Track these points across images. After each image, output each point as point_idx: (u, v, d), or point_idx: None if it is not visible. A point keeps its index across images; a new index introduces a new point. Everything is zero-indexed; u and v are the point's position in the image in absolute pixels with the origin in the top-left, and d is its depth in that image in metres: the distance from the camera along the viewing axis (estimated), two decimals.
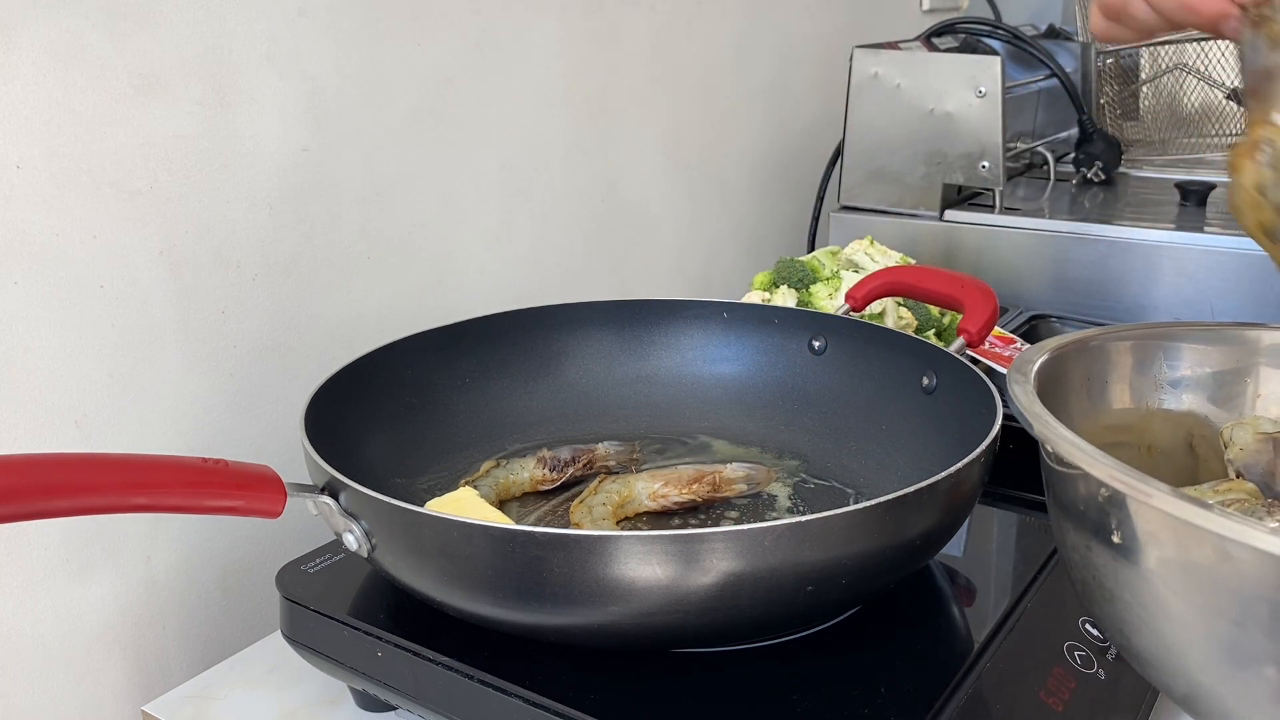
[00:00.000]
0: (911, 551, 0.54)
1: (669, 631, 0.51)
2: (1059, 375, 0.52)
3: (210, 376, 0.72)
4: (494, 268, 0.94)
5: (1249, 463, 0.52)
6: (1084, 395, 0.54)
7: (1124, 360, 0.55)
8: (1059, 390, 0.51)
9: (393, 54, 0.81)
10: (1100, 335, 0.55)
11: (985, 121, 1.10)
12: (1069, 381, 0.53)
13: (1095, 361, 0.54)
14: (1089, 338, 0.54)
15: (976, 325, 0.70)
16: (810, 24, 1.37)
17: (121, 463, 0.47)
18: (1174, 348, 0.56)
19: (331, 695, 0.63)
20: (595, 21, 1.00)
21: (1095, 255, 1.07)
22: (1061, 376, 0.52)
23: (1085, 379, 0.54)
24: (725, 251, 1.27)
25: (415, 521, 0.51)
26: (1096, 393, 0.54)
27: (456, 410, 0.75)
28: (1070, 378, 0.53)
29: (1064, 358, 0.52)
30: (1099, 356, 0.55)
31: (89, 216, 0.64)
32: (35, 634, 0.65)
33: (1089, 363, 0.54)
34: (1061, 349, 0.52)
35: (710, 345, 0.81)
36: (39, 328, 0.62)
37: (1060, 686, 0.53)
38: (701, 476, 0.67)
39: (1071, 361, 0.53)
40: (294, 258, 0.76)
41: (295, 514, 0.54)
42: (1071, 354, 0.53)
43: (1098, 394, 0.54)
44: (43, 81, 0.60)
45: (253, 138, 0.72)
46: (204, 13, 0.68)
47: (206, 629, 0.74)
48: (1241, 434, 0.53)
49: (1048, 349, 0.52)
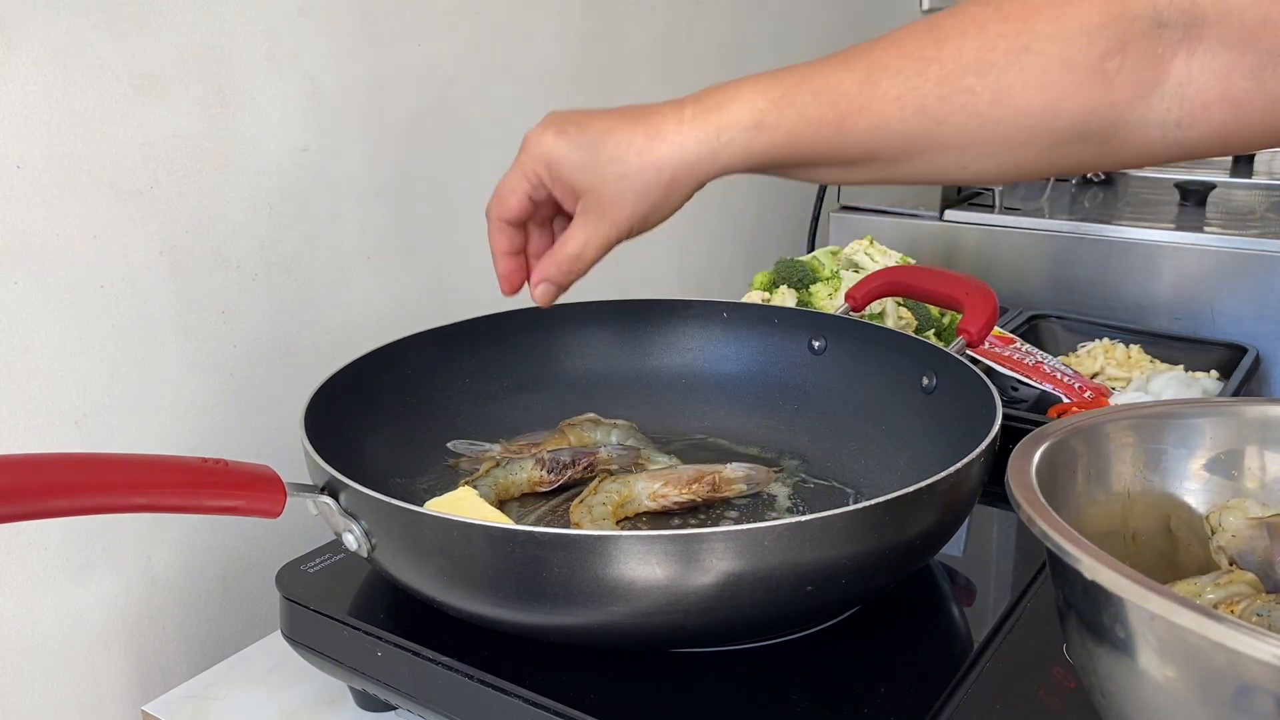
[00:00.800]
0: (911, 551, 0.54)
1: (669, 631, 0.51)
2: (1059, 465, 0.50)
3: (210, 376, 0.72)
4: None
5: (1243, 550, 0.49)
6: (1084, 483, 0.52)
7: (1119, 442, 0.54)
8: (1061, 481, 0.50)
9: (393, 54, 0.81)
10: (1097, 418, 0.54)
11: None
12: (1069, 470, 0.52)
13: (1092, 446, 0.53)
14: (1085, 422, 0.53)
15: (976, 325, 0.70)
16: (810, 24, 1.37)
17: (121, 463, 0.47)
18: (1161, 426, 0.54)
19: (331, 695, 0.63)
20: (595, 21, 1.00)
21: (1095, 255, 1.07)
22: (1063, 465, 0.51)
23: (1084, 465, 0.52)
24: (725, 251, 1.27)
25: (415, 521, 0.51)
26: (1096, 480, 0.53)
27: (456, 410, 0.75)
28: (1071, 466, 0.52)
29: (1065, 443, 0.51)
30: (1096, 440, 0.53)
31: (89, 216, 0.64)
32: (35, 634, 0.65)
33: (1087, 447, 0.53)
34: (1060, 437, 0.51)
35: (710, 345, 0.81)
36: (39, 328, 0.62)
37: (1060, 686, 0.53)
38: (701, 476, 0.67)
39: (1071, 449, 0.52)
40: (294, 258, 0.76)
41: (295, 514, 0.54)
42: (1072, 439, 0.52)
43: (1097, 481, 0.53)
44: (43, 81, 0.60)
45: (253, 138, 0.72)
46: (204, 13, 0.68)
47: (206, 629, 0.74)
48: (1232, 519, 0.51)
49: (1049, 435, 0.51)
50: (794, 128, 0.50)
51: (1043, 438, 0.50)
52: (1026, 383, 0.86)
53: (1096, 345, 0.98)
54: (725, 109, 0.52)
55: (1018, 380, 0.87)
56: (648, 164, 0.52)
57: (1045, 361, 0.89)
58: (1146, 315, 1.05)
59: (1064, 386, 0.85)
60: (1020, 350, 0.91)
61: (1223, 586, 0.47)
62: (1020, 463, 0.48)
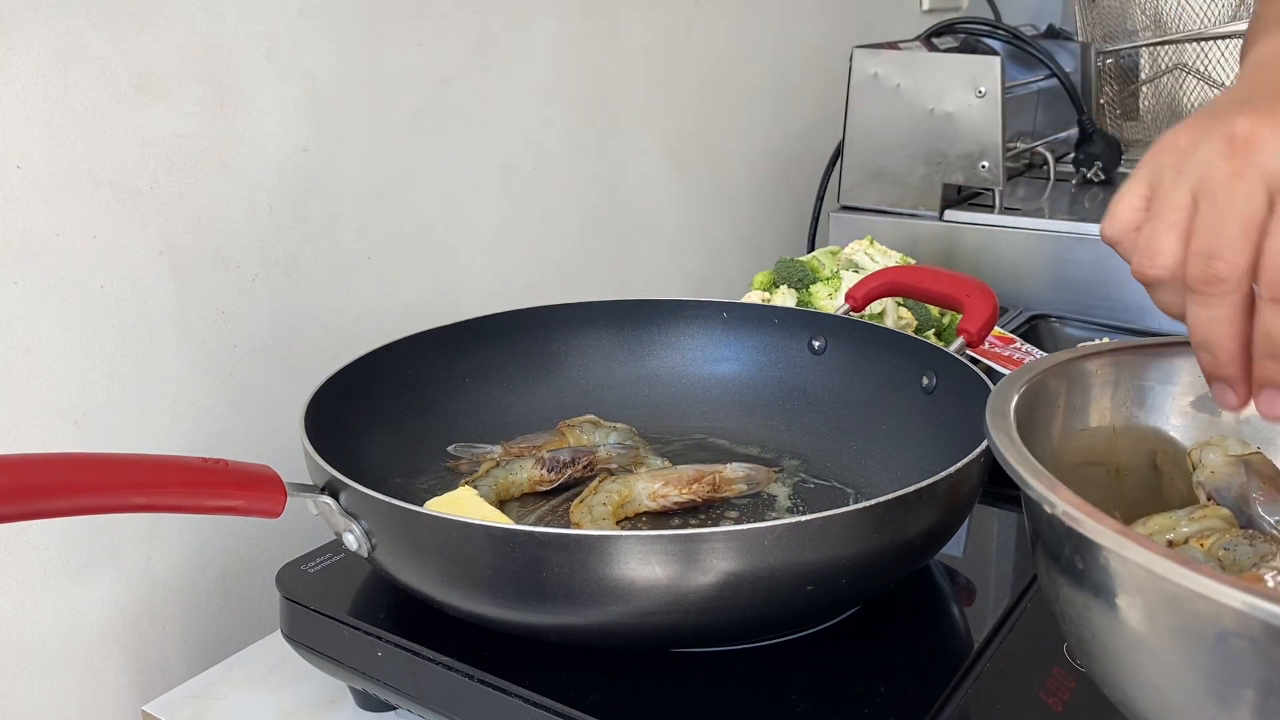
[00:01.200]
0: (911, 551, 0.54)
1: (669, 631, 0.51)
2: (1039, 400, 0.51)
3: (210, 376, 0.72)
4: (494, 268, 0.94)
5: (1220, 486, 0.50)
6: (1064, 418, 0.53)
7: (1102, 378, 0.55)
8: (1040, 415, 0.50)
9: (393, 54, 0.81)
10: (1075, 355, 0.54)
11: (985, 121, 1.10)
12: (1050, 405, 0.52)
13: (1074, 382, 0.54)
14: (1065, 359, 0.54)
15: (976, 325, 0.70)
16: (810, 24, 1.37)
17: (121, 463, 0.47)
18: (1145, 364, 0.55)
19: (331, 695, 0.63)
20: (595, 21, 1.00)
21: (1095, 255, 1.07)
22: (1043, 401, 0.51)
23: (1065, 401, 0.53)
24: (725, 251, 1.27)
25: (415, 521, 0.51)
26: (1077, 414, 0.54)
27: (456, 410, 0.75)
28: (1052, 401, 0.52)
29: (1044, 382, 0.52)
30: (1077, 377, 0.54)
31: (89, 216, 0.64)
32: (35, 634, 0.65)
33: (1068, 384, 0.53)
34: (1040, 374, 0.52)
35: (710, 345, 0.81)
36: (39, 328, 0.62)
37: (1060, 686, 0.53)
38: (701, 476, 0.67)
39: (1051, 385, 0.52)
40: (294, 258, 0.76)
41: (295, 514, 0.54)
42: (1051, 377, 0.52)
43: (1078, 415, 0.54)
44: (43, 81, 0.60)
45: (253, 138, 0.72)
46: (204, 13, 0.68)
47: (206, 629, 0.74)
48: (1212, 456, 0.51)
49: (1025, 377, 0.51)
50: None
51: (1022, 376, 0.50)
52: None
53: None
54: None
55: None
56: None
57: None
58: (1146, 315, 1.05)
59: None
60: (1020, 350, 0.91)
61: (1196, 521, 0.48)
62: (998, 399, 0.48)
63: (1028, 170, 1.33)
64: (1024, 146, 1.27)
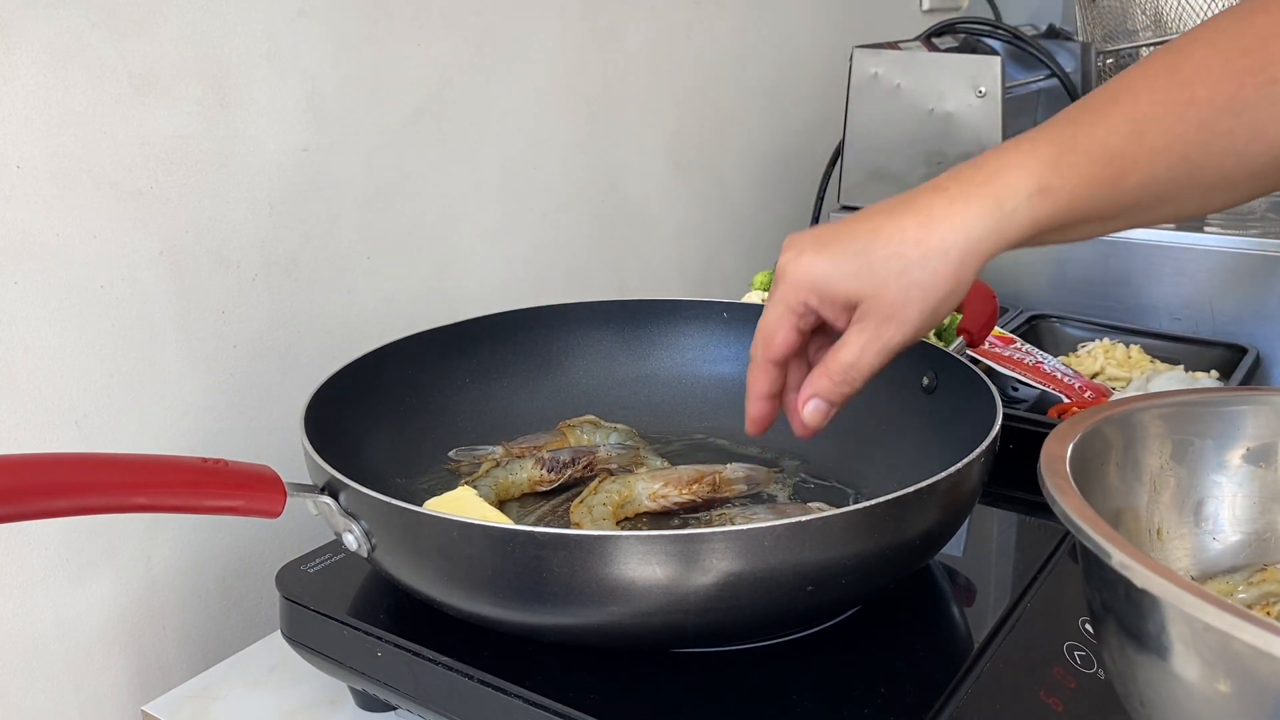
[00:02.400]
0: (911, 551, 0.54)
1: (669, 631, 0.51)
2: (1091, 453, 0.50)
3: (210, 376, 0.72)
4: (494, 268, 0.94)
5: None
6: (1116, 471, 0.52)
7: (1156, 430, 0.53)
8: (1090, 467, 0.49)
9: (393, 54, 0.81)
10: (1132, 406, 0.53)
11: (985, 121, 1.10)
12: (1101, 457, 0.51)
13: (1127, 433, 0.52)
14: (1119, 410, 0.52)
15: (976, 325, 0.70)
16: (810, 24, 1.37)
17: (121, 463, 0.47)
18: (1201, 415, 0.53)
19: (331, 695, 0.63)
20: (595, 21, 1.00)
21: (1095, 255, 1.07)
22: (1095, 453, 0.50)
23: (1118, 454, 0.52)
24: (725, 251, 1.27)
25: (415, 521, 0.51)
26: (1128, 468, 0.52)
27: (456, 410, 0.75)
28: (1104, 452, 0.51)
29: (1098, 430, 0.51)
30: (1131, 427, 0.52)
31: (89, 216, 0.64)
32: (35, 634, 0.65)
33: (1122, 435, 0.52)
34: (1095, 423, 0.50)
35: (710, 345, 0.81)
36: (39, 328, 0.62)
37: (1060, 686, 0.53)
38: (701, 477, 0.67)
39: (1105, 435, 0.51)
40: (294, 258, 0.76)
41: (295, 514, 0.54)
42: (1105, 426, 0.51)
43: (1128, 469, 0.52)
44: (43, 81, 0.60)
45: (253, 138, 0.72)
46: (204, 13, 0.68)
47: (206, 629, 0.74)
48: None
49: (1082, 425, 0.50)
50: (1075, 190, 0.48)
51: (1075, 429, 0.49)
52: (1026, 383, 0.86)
53: (1096, 345, 0.98)
54: (1000, 178, 0.49)
55: (1018, 380, 0.87)
56: (930, 253, 0.48)
57: (1045, 361, 0.89)
58: (1146, 315, 1.05)
59: (1064, 386, 0.85)
60: (1020, 350, 0.91)
61: (1255, 585, 0.47)
62: (1054, 453, 0.47)
63: None
64: None
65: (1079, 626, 0.58)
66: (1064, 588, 0.61)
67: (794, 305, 0.52)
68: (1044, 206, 0.48)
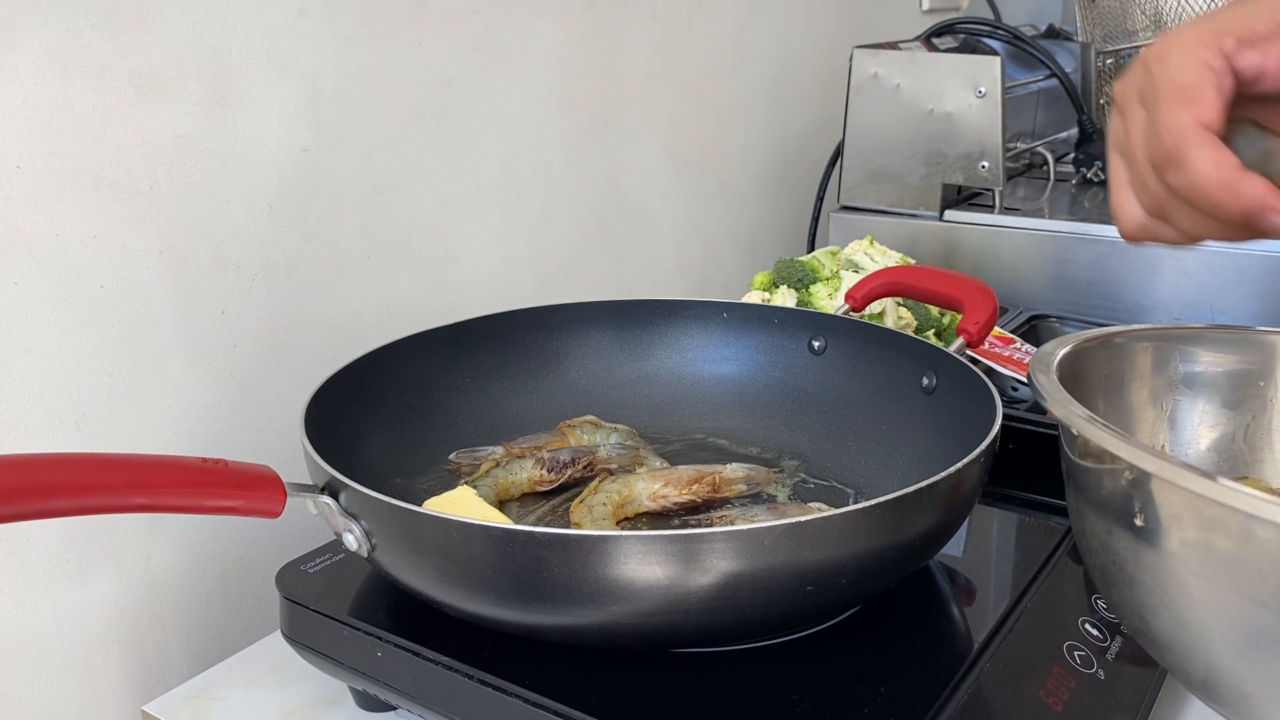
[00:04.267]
0: (911, 551, 0.54)
1: (669, 631, 0.51)
2: (1080, 371, 0.51)
3: (210, 376, 0.72)
4: (494, 268, 0.94)
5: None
6: (1103, 392, 0.54)
7: (1143, 360, 0.55)
8: (1079, 386, 0.50)
9: (393, 54, 0.81)
10: (1123, 333, 0.55)
11: (985, 121, 1.10)
12: (1089, 378, 0.53)
13: (1115, 359, 0.54)
14: (1111, 335, 0.54)
15: (976, 325, 0.70)
16: (810, 24, 1.37)
17: (121, 463, 0.47)
18: (1191, 350, 0.55)
19: (331, 695, 0.63)
20: (595, 21, 1.00)
21: (1095, 255, 1.07)
22: (1082, 373, 0.52)
23: (1105, 376, 0.54)
24: (725, 251, 1.27)
25: (415, 521, 0.51)
26: (1114, 391, 0.54)
27: (456, 410, 0.75)
28: (1091, 374, 0.53)
29: (1085, 353, 0.52)
30: (1119, 355, 0.54)
31: (89, 216, 0.64)
32: (35, 634, 0.65)
33: (1109, 360, 0.54)
34: (1084, 344, 0.52)
35: (710, 345, 0.81)
36: (39, 328, 0.62)
37: (1060, 686, 0.53)
38: (701, 477, 0.67)
39: (1092, 358, 0.53)
40: (294, 258, 0.76)
41: (295, 514, 0.54)
42: (1092, 350, 0.53)
43: (1114, 392, 0.54)
44: (43, 81, 0.60)
45: (253, 138, 0.72)
46: (204, 13, 0.68)
47: (206, 629, 0.74)
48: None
49: (1070, 343, 0.52)
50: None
51: (1064, 344, 0.51)
52: (1026, 383, 0.86)
53: None
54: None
55: (1018, 380, 0.87)
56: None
57: None
58: (1146, 315, 1.05)
59: None
60: (1020, 350, 0.91)
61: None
62: (1043, 362, 0.49)
63: (1028, 170, 1.33)
64: (1024, 146, 1.27)
65: (1079, 626, 0.58)
66: (1064, 588, 0.61)
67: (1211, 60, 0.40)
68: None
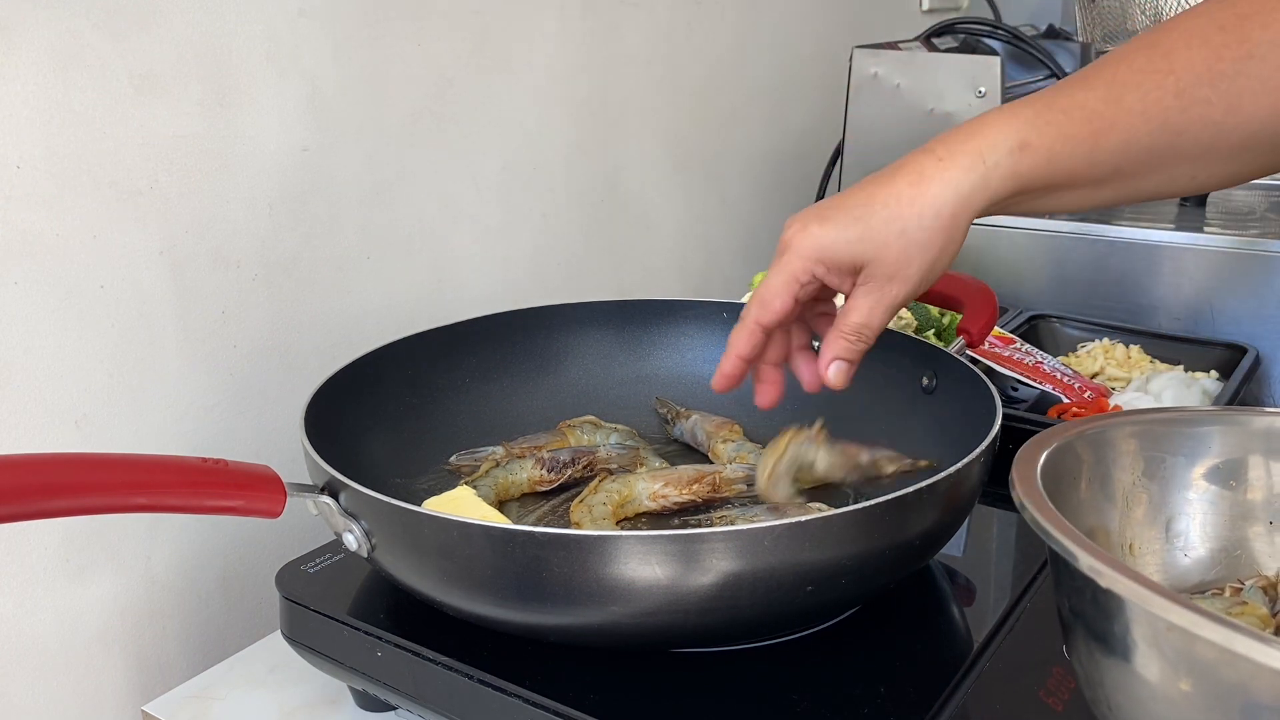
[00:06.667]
0: (911, 551, 0.54)
1: (669, 631, 0.51)
2: (1063, 468, 0.50)
3: (210, 376, 0.72)
4: (494, 268, 0.94)
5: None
6: (1088, 488, 0.52)
7: (1128, 448, 0.54)
8: (1063, 483, 0.50)
9: (393, 54, 0.81)
10: (1104, 423, 0.54)
11: None
12: (1074, 474, 0.51)
13: (1099, 450, 0.53)
14: (1089, 427, 0.53)
15: (976, 325, 0.70)
16: (810, 24, 1.37)
17: (121, 463, 0.47)
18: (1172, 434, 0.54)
19: (331, 695, 0.63)
20: (595, 21, 1.00)
21: (1095, 255, 1.07)
22: (1068, 469, 0.51)
23: (1089, 470, 0.52)
24: (725, 251, 1.27)
25: (415, 521, 0.51)
26: (1098, 484, 0.53)
27: (456, 410, 0.75)
28: (1075, 468, 0.52)
29: (1070, 447, 0.51)
30: (1101, 445, 0.53)
31: (89, 216, 0.64)
32: (35, 634, 0.65)
33: (1094, 453, 0.53)
34: (1068, 438, 0.51)
35: (710, 345, 0.81)
36: (39, 328, 0.62)
37: (1060, 686, 0.53)
38: (701, 476, 0.67)
39: (1077, 453, 0.52)
40: (294, 258, 0.76)
41: (295, 514, 0.54)
42: (1077, 444, 0.52)
43: (1098, 486, 0.53)
44: (43, 81, 0.60)
45: (253, 138, 0.72)
46: (204, 13, 0.68)
47: (206, 629, 0.74)
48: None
49: (1053, 439, 0.50)
50: (1053, 146, 0.50)
51: (1047, 442, 0.50)
52: (1026, 383, 0.86)
53: (1096, 345, 0.98)
54: (981, 136, 0.51)
55: (1018, 380, 0.87)
56: (924, 210, 0.51)
57: (1045, 361, 0.89)
58: (1146, 315, 1.05)
59: (1064, 386, 0.85)
60: (1020, 350, 0.91)
61: (1233, 618, 0.47)
62: (1025, 467, 0.47)
63: None
64: None
65: None
66: None
67: (799, 274, 0.54)
68: (1025, 161, 0.51)
